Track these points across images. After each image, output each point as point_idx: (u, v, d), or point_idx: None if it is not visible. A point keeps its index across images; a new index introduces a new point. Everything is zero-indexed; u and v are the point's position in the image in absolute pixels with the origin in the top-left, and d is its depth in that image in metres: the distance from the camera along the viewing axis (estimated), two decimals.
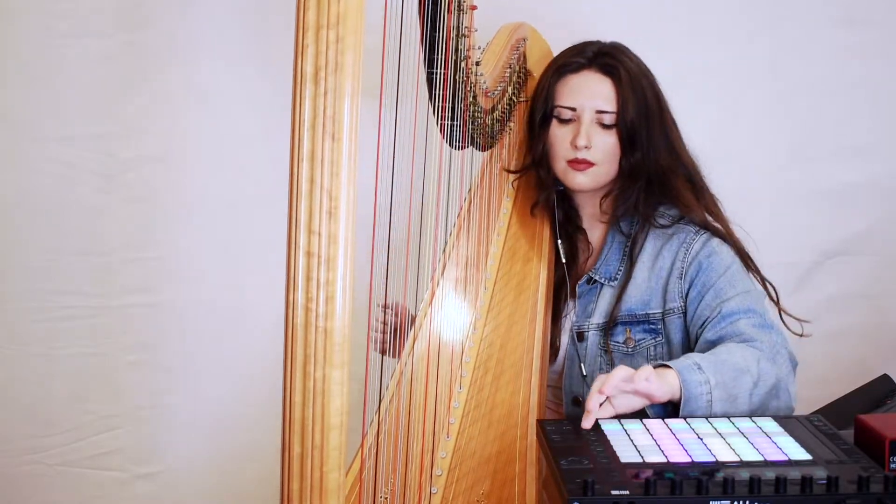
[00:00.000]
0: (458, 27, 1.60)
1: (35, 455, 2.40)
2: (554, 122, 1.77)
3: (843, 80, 2.39)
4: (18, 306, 2.36)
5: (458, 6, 1.59)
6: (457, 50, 1.62)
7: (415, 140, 1.46)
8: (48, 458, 2.41)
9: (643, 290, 1.73)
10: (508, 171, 1.94)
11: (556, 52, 2.08)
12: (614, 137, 1.73)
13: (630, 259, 1.75)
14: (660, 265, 1.73)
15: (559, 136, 1.76)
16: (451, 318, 1.74)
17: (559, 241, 1.81)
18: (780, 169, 2.39)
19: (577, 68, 1.76)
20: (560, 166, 1.77)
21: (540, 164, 1.80)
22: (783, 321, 1.73)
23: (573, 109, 1.74)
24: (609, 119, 1.72)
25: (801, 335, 1.75)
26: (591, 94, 1.73)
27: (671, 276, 1.71)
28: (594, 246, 1.83)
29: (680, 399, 1.45)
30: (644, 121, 1.71)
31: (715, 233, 1.72)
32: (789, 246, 2.38)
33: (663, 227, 1.74)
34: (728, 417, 1.40)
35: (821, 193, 2.42)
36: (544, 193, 1.82)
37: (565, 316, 1.80)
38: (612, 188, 1.77)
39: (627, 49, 1.78)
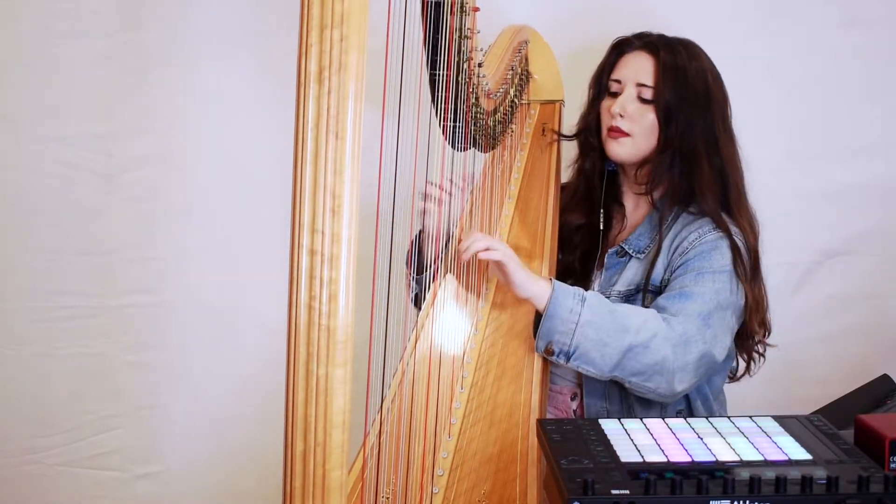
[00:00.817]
0: (460, 29, 1.61)
1: (35, 455, 2.40)
2: (606, 94, 1.87)
3: (843, 80, 2.39)
4: (18, 306, 2.37)
5: (461, 8, 1.60)
6: (459, 52, 1.63)
7: (417, 141, 1.46)
8: (48, 458, 2.41)
9: (663, 264, 1.79)
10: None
11: (556, 53, 2.09)
12: (652, 113, 1.80)
13: (659, 234, 1.81)
14: (676, 242, 1.79)
15: (605, 106, 1.87)
16: (452, 318, 1.74)
17: (601, 212, 1.90)
18: (780, 169, 2.39)
19: (634, 48, 1.85)
20: (603, 135, 1.87)
21: (589, 132, 1.90)
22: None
23: (619, 82, 1.84)
24: (648, 94, 1.80)
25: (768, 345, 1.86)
26: (635, 68, 1.82)
27: (675, 252, 1.78)
28: (632, 222, 1.90)
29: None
30: (684, 104, 1.78)
31: (722, 227, 1.77)
32: (789, 246, 2.38)
33: (692, 213, 1.81)
34: (728, 417, 1.40)
35: (821, 193, 2.42)
36: (589, 159, 1.92)
37: (593, 281, 1.88)
38: (649, 160, 1.83)
39: (692, 45, 1.85)
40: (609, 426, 1.36)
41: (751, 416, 1.39)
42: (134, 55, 2.34)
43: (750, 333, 1.81)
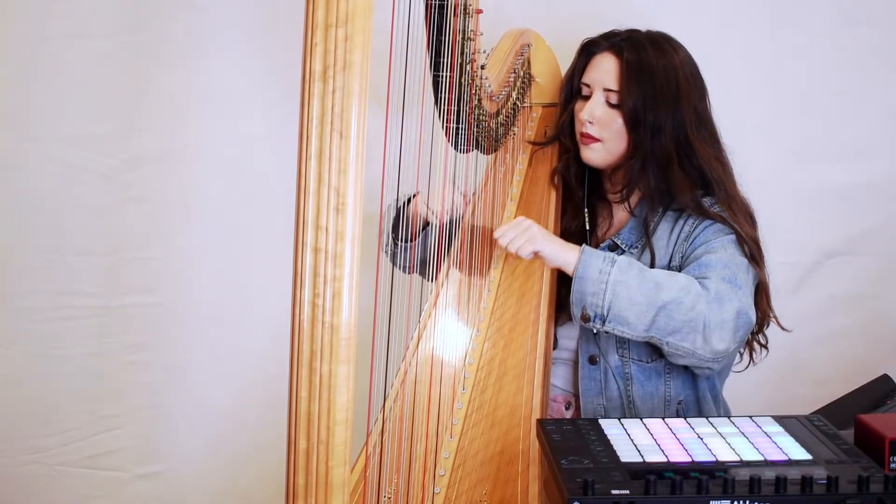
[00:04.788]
0: (463, 31, 1.62)
1: (35, 455, 2.39)
2: (578, 97, 1.87)
3: (844, 80, 2.40)
4: (19, 306, 2.36)
5: (464, 10, 1.61)
6: (462, 53, 1.63)
7: (420, 142, 1.47)
8: (48, 458, 2.40)
9: (662, 258, 1.79)
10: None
11: (559, 57, 2.10)
12: (620, 118, 1.79)
13: (646, 236, 1.81)
14: (676, 232, 1.79)
15: (577, 109, 1.86)
16: (454, 319, 1.75)
17: (585, 210, 1.89)
18: (781, 169, 2.40)
19: (602, 49, 1.84)
20: (577, 139, 1.87)
21: (563, 133, 1.91)
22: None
23: (588, 86, 1.84)
24: (615, 98, 1.79)
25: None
26: (602, 73, 1.81)
27: (679, 240, 1.78)
28: (619, 217, 1.90)
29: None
30: (650, 106, 1.76)
31: (712, 217, 1.77)
32: (789, 246, 2.39)
33: (676, 210, 1.81)
34: (728, 417, 1.41)
35: (821, 193, 2.43)
36: (564, 160, 1.92)
37: None
38: (623, 164, 1.83)
39: (665, 40, 1.83)
40: (609, 426, 1.36)
41: (751, 416, 1.40)
42: (134, 55, 2.34)
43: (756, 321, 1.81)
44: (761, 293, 1.79)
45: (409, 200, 1.84)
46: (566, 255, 1.68)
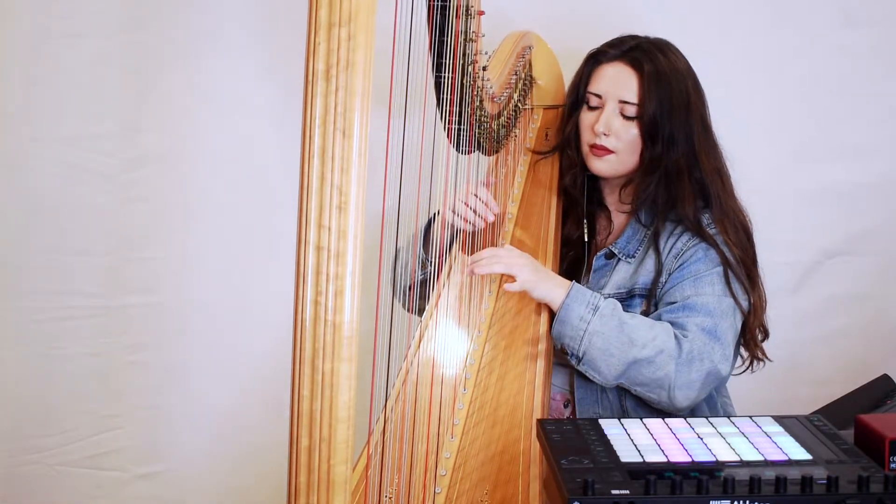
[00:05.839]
0: (465, 32, 1.62)
1: (35, 455, 2.39)
2: (584, 107, 1.85)
3: (844, 80, 2.40)
4: (18, 306, 2.36)
5: (466, 11, 1.61)
6: (464, 54, 1.63)
7: (423, 143, 1.47)
8: (48, 458, 2.40)
9: (658, 267, 1.79)
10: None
11: (560, 59, 2.10)
12: (636, 129, 1.79)
13: (655, 244, 1.80)
14: (669, 245, 1.79)
15: (585, 120, 1.84)
16: (456, 320, 1.75)
17: (584, 221, 1.89)
18: (781, 169, 2.41)
19: (611, 59, 1.82)
20: (584, 150, 1.86)
21: (568, 145, 1.89)
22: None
23: (599, 97, 1.82)
24: (631, 111, 1.78)
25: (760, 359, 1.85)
26: (617, 84, 1.80)
27: (669, 255, 1.78)
28: (617, 224, 1.90)
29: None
30: (667, 117, 1.77)
31: (705, 238, 1.77)
32: (789, 246, 2.39)
33: (674, 221, 1.81)
34: (728, 417, 1.41)
35: (821, 193, 2.44)
36: (570, 175, 1.90)
37: None
38: (633, 178, 1.82)
39: (668, 47, 1.83)
40: (609, 426, 1.36)
41: (751, 416, 1.39)
42: (134, 55, 2.34)
43: (750, 337, 1.82)
44: (756, 313, 1.79)
45: (433, 217, 1.84)
46: (552, 293, 1.70)
